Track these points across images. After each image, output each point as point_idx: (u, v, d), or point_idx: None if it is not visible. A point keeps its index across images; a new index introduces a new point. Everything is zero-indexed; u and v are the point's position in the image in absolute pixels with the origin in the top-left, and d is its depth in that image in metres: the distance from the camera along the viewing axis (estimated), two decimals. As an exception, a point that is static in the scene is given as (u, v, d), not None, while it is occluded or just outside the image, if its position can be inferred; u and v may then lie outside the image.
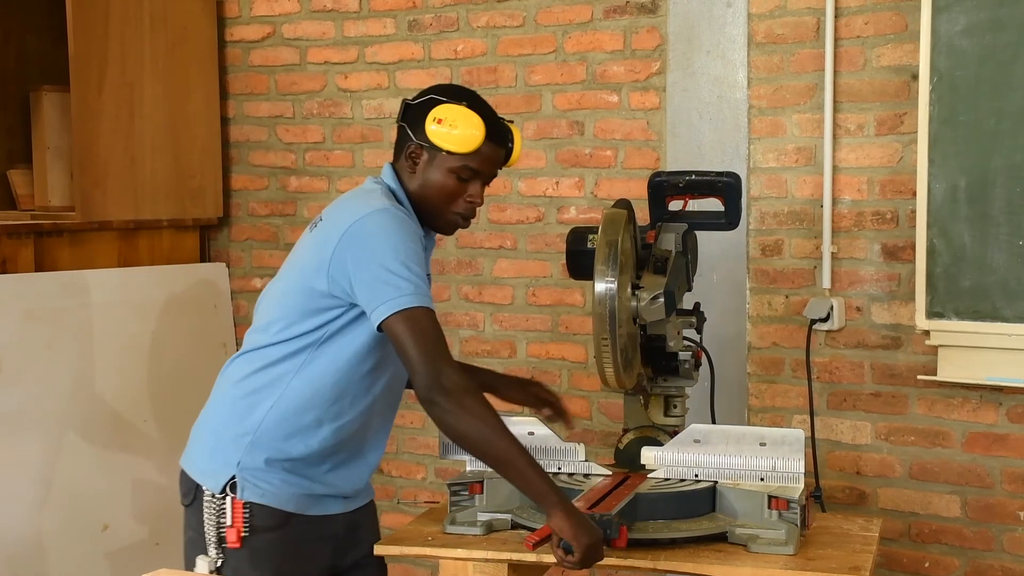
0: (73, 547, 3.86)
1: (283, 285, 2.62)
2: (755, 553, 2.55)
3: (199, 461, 2.61)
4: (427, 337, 2.41)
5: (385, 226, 2.47)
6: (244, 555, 2.52)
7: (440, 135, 2.56)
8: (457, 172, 2.59)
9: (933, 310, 3.28)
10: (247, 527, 2.52)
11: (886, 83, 3.41)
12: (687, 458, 2.76)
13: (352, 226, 2.47)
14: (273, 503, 2.54)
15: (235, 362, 2.65)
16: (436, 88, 2.66)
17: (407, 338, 2.40)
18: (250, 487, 2.53)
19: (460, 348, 4.09)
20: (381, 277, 2.42)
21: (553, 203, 3.92)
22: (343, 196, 2.67)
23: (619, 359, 2.70)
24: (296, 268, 2.59)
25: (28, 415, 3.78)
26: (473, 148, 2.58)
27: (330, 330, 2.53)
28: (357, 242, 2.46)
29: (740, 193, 2.98)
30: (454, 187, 2.60)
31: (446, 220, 2.66)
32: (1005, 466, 3.34)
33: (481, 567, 2.62)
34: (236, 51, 4.46)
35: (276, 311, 2.59)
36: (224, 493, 2.53)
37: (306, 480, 2.58)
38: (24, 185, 4.37)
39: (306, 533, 2.59)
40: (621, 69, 3.78)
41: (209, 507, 2.54)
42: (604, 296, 2.66)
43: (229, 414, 2.58)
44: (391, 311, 2.41)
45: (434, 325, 2.45)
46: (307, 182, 4.35)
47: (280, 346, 2.55)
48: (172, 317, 4.19)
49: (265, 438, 2.54)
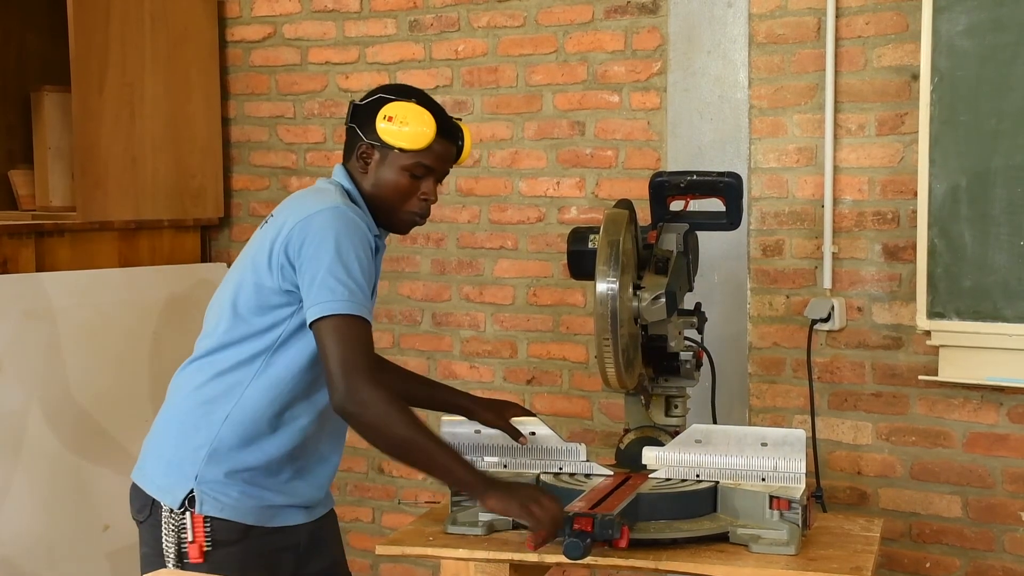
0: (74, 547, 3.86)
1: (233, 285, 2.56)
2: (756, 553, 2.55)
3: (154, 476, 2.55)
4: (349, 347, 2.37)
5: (334, 225, 2.43)
6: (205, 569, 2.45)
7: (391, 133, 2.54)
8: (410, 170, 2.57)
9: (934, 310, 3.28)
10: (209, 541, 2.48)
11: (887, 83, 3.41)
12: (688, 458, 2.76)
13: (301, 221, 2.44)
14: (233, 516, 2.49)
15: (186, 370, 2.60)
16: (384, 87, 2.65)
17: (329, 344, 2.37)
18: (209, 501, 2.48)
19: (461, 348, 4.10)
20: (319, 277, 2.39)
21: (554, 203, 3.92)
22: (295, 194, 2.65)
23: (620, 359, 2.70)
24: (245, 266, 2.55)
25: (28, 415, 3.78)
26: (424, 144, 2.56)
27: (284, 331, 2.49)
28: (305, 237, 2.42)
29: (741, 193, 2.98)
30: (407, 185, 2.58)
31: (401, 219, 2.63)
32: (1006, 466, 3.34)
33: (482, 567, 2.62)
34: (237, 51, 4.46)
35: (227, 313, 2.54)
36: (183, 508, 2.48)
37: (266, 491, 2.53)
38: (25, 185, 4.37)
39: (268, 544, 2.54)
40: (622, 69, 3.78)
41: (168, 523, 2.49)
42: (606, 296, 2.66)
43: (183, 426, 2.53)
44: (320, 314, 2.38)
45: (360, 335, 2.39)
46: (308, 182, 4.31)
47: (233, 351, 2.51)
48: (173, 317, 4.19)
49: (222, 449, 2.49)
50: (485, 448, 2.89)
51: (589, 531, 2.43)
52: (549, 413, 3.92)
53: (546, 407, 3.95)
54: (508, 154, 3.98)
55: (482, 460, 2.90)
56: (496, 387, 4.01)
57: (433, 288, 4.13)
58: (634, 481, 2.76)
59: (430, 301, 4.15)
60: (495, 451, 2.89)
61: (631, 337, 2.78)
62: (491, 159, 3.99)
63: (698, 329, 2.99)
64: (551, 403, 3.95)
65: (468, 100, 4.03)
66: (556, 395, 3.95)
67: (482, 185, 4.02)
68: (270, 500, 2.54)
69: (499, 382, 4.03)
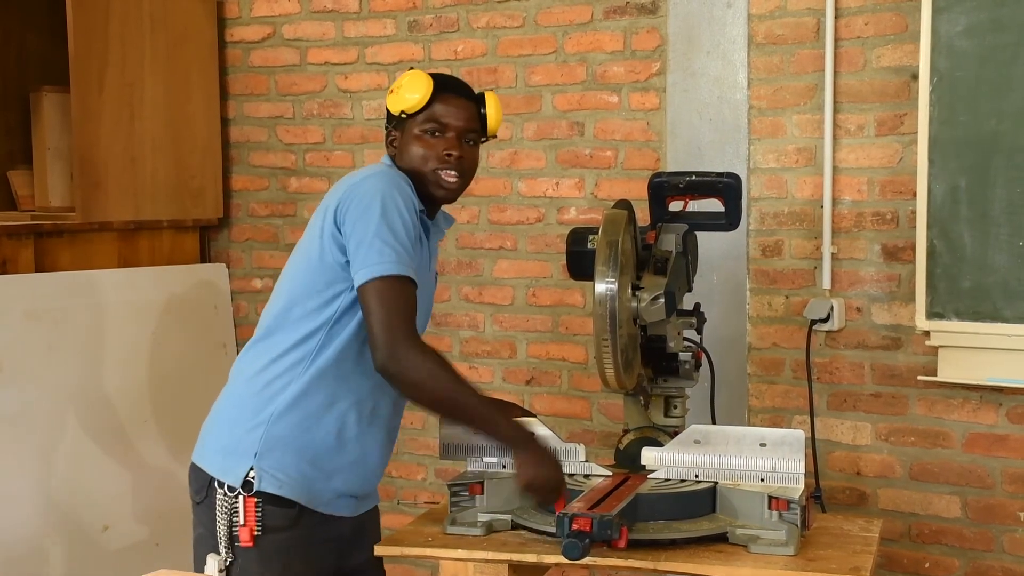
0: (73, 547, 3.86)
1: (296, 265, 2.64)
2: (755, 554, 2.55)
3: (214, 456, 2.60)
4: (393, 308, 2.44)
5: (379, 186, 2.51)
6: (254, 554, 2.53)
7: (394, 101, 2.66)
8: (423, 131, 2.65)
9: (933, 311, 3.28)
10: (259, 526, 2.53)
11: (886, 84, 3.41)
12: (687, 459, 2.76)
13: (348, 188, 2.54)
14: (290, 494, 2.54)
15: (248, 353, 2.66)
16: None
17: (374, 305, 2.44)
18: (267, 478, 2.53)
19: (460, 348, 4.09)
20: (367, 240, 2.46)
21: (553, 204, 3.92)
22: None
23: (619, 360, 2.71)
24: (302, 248, 2.63)
25: (28, 416, 3.78)
26: (423, 101, 2.63)
27: (340, 306, 2.54)
28: (352, 201, 2.50)
29: (740, 194, 2.98)
30: (426, 146, 2.64)
31: (431, 180, 2.66)
32: (1005, 467, 3.34)
33: (481, 568, 2.62)
34: (236, 52, 4.46)
35: (284, 293, 2.61)
36: (237, 491, 2.53)
37: (322, 472, 2.58)
38: (24, 186, 4.37)
39: (316, 533, 2.60)
40: (621, 70, 3.78)
41: (222, 505, 2.54)
42: (604, 297, 2.67)
43: (244, 408, 2.59)
44: (368, 277, 2.45)
45: (404, 296, 2.47)
46: (307, 183, 4.35)
47: (291, 330, 2.56)
48: (172, 318, 4.19)
49: (281, 427, 2.54)
50: (484, 448, 2.89)
51: (588, 531, 2.43)
52: (548, 414, 3.92)
53: (545, 407, 3.95)
54: (507, 154, 3.98)
55: (481, 460, 2.89)
56: (495, 387, 4.01)
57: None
58: (633, 482, 2.76)
59: (429, 301, 4.14)
60: (494, 451, 2.89)
61: (630, 337, 2.78)
62: (490, 159, 3.99)
63: (697, 329, 2.99)
64: (550, 403, 3.95)
65: (467, 100, 4.02)
66: (555, 395, 3.95)
67: (481, 185, 4.02)
68: (325, 482, 2.59)
69: (498, 382, 4.03)
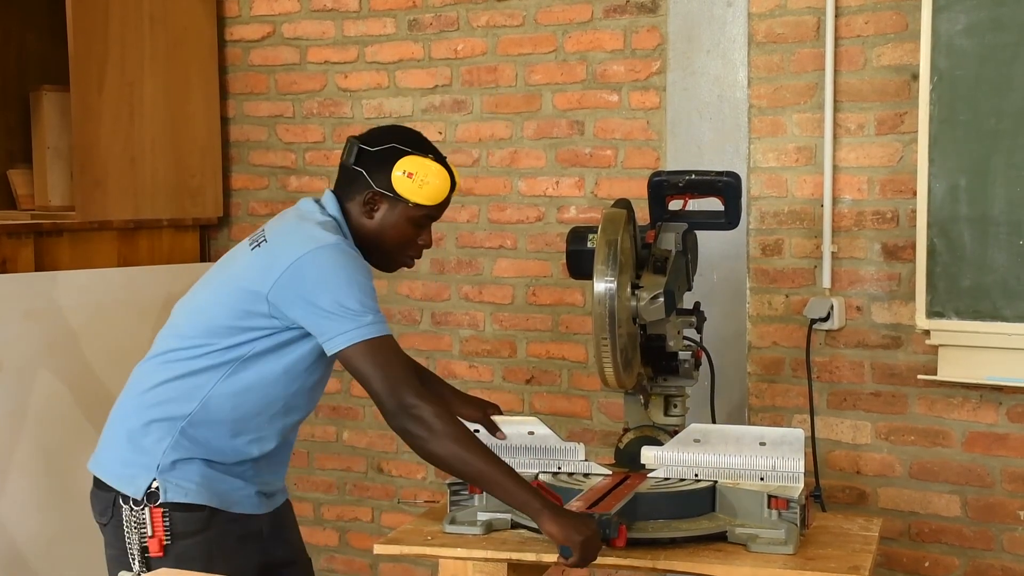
0: (72, 547, 3.86)
1: (216, 295, 2.59)
2: (755, 552, 2.55)
3: (113, 466, 2.58)
4: (390, 366, 2.44)
5: (337, 261, 2.48)
6: (170, 563, 2.48)
7: (409, 188, 2.60)
8: (417, 221, 2.65)
9: (933, 310, 3.27)
10: (168, 534, 2.50)
11: (886, 82, 3.41)
12: (687, 458, 2.76)
13: (302, 258, 2.47)
14: (197, 500, 2.52)
15: (151, 363, 2.63)
16: (393, 134, 2.69)
17: (369, 369, 2.44)
18: (172, 488, 2.51)
19: (460, 348, 4.09)
20: (336, 311, 2.44)
21: (553, 203, 3.92)
22: (288, 219, 2.65)
23: (619, 359, 2.71)
24: (231, 283, 2.57)
25: (28, 414, 3.78)
26: (440, 201, 2.64)
27: (256, 348, 2.53)
28: (307, 275, 2.46)
29: (740, 193, 2.98)
30: (412, 234, 2.66)
31: (396, 261, 2.71)
32: (1005, 466, 3.34)
33: (480, 567, 2.62)
34: (236, 51, 4.46)
35: (201, 320, 2.57)
36: (143, 502, 2.51)
37: (227, 476, 2.57)
38: (24, 185, 4.37)
39: (230, 532, 2.57)
40: (621, 68, 3.78)
41: (129, 521, 2.52)
42: (604, 296, 2.66)
43: (145, 419, 2.55)
44: (350, 342, 2.44)
45: (395, 352, 2.48)
46: (307, 182, 4.35)
47: (200, 356, 2.54)
48: (172, 317, 4.19)
49: (184, 441, 2.53)
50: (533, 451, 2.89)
51: None
52: (548, 412, 3.92)
53: (545, 407, 3.95)
54: (507, 153, 3.98)
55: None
56: (495, 387, 4.01)
57: (432, 287, 4.13)
58: (632, 481, 2.76)
59: (429, 300, 4.15)
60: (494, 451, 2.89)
61: (629, 336, 2.78)
62: (490, 158, 3.99)
63: (697, 328, 2.99)
64: (550, 403, 3.95)
65: (467, 99, 4.03)
66: (555, 395, 3.95)
67: (481, 184, 4.02)
68: (231, 484, 2.58)
69: (498, 381, 4.03)
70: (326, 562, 4.36)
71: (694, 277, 3.01)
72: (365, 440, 4.29)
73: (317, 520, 4.35)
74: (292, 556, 2.78)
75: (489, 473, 2.47)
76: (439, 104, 4.07)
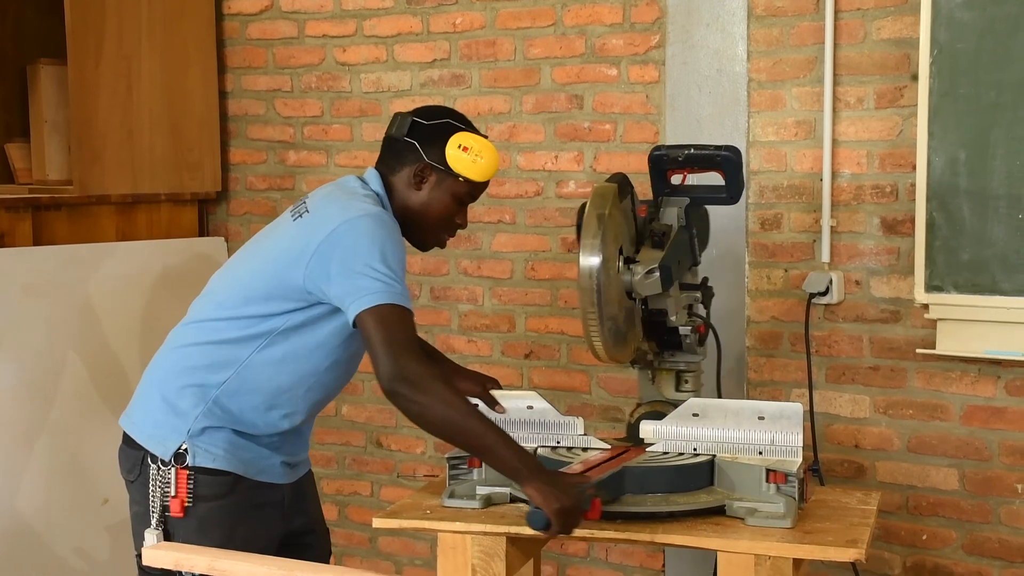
0: (73, 521, 3.87)
1: (254, 265, 2.63)
2: (753, 526, 2.56)
3: (144, 426, 2.60)
4: (393, 331, 2.44)
5: (375, 231, 2.50)
6: (191, 525, 2.53)
7: (464, 163, 2.64)
8: (462, 197, 2.69)
9: (932, 284, 3.27)
10: (191, 497, 2.53)
11: (886, 56, 3.40)
12: (686, 432, 2.77)
13: (341, 226, 2.50)
14: (224, 466, 2.55)
15: (186, 328, 2.65)
16: (446, 111, 2.74)
17: (374, 331, 2.44)
18: (201, 453, 2.54)
19: (459, 322, 4.09)
20: (362, 273, 2.46)
21: (552, 177, 3.91)
22: (332, 191, 2.68)
23: (607, 333, 2.71)
24: (272, 253, 2.60)
25: (27, 389, 3.78)
26: (489, 178, 2.69)
27: (293, 321, 2.56)
28: (344, 242, 2.49)
29: (740, 167, 2.96)
30: (454, 210, 2.70)
31: (433, 238, 2.74)
32: (1003, 439, 3.35)
33: (479, 540, 2.63)
34: (234, 24, 4.44)
35: (240, 289, 2.60)
36: (170, 463, 2.54)
37: (255, 445, 2.60)
38: (22, 159, 4.36)
39: (252, 500, 2.61)
40: (620, 42, 3.76)
41: (155, 480, 2.55)
42: (589, 270, 2.66)
43: (180, 382, 2.58)
44: (365, 306, 2.44)
45: (404, 321, 2.47)
46: (305, 156, 4.34)
47: (237, 325, 2.57)
48: (170, 291, 4.18)
49: (216, 410, 2.56)
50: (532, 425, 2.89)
51: None
52: (547, 387, 3.92)
53: (544, 381, 3.95)
54: (506, 128, 3.97)
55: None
56: (494, 361, 4.01)
57: (431, 262, 4.12)
58: (630, 454, 2.76)
59: (428, 275, 4.14)
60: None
61: (625, 311, 2.78)
62: (489, 133, 3.98)
63: (704, 304, 2.97)
64: (549, 377, 3.96)
65: (466, 73, 4.01)
66: (554, 369, 3.96)
67: (480, 159, 4.00)
68: (258, 453, 2.60)
69: (497, 356, 4.04)
70: (326, 536, 4.36)
71: (702, 252, 2.99)
72: (364, 414, 4.29)
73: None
74: (311, 526, 2.82)
75: (482, 436, 2.46)
76: (437, 78, 4.06)
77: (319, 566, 1.89)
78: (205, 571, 1.94)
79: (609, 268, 2.69)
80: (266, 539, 2.62)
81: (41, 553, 3.80)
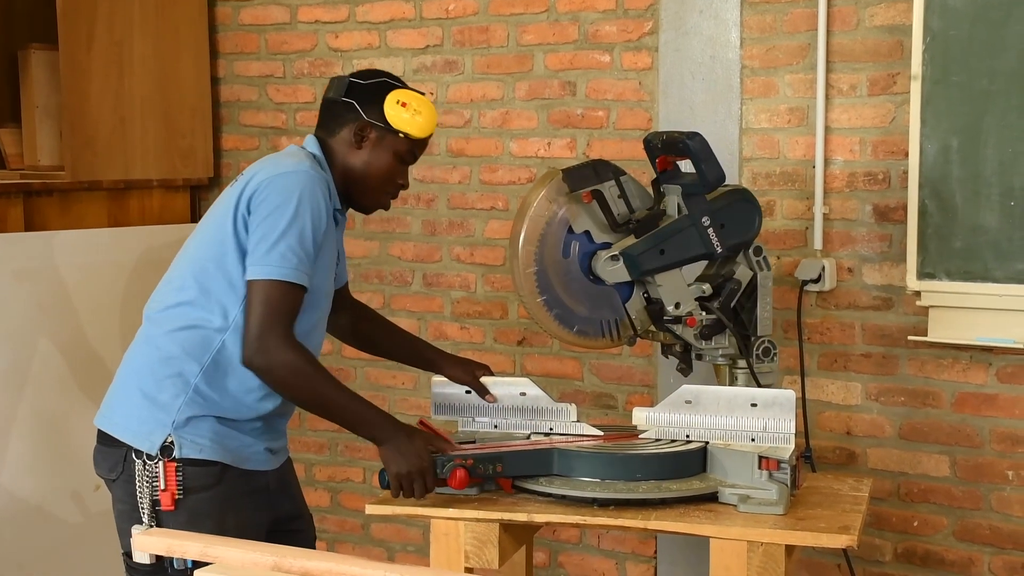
0: (64, 507, 3.87)
1: (201, 241, 2.64)
2: (745, 513, 2.57)
3: (130, 424, 2.58)
4: (271, 309, 2.47)
5: (298, 188, 2.52)
6: (183, 517, 2.51)
7: (402, 119, 2.65)
8: (403, 156, 2.70)
9: (924, 271, 3.28)
10: (180, 489, 2.53)
11: (879, 43, 3.40)
12: (678, 419, 2.77)
13: (269, 178, 2.54)
14: (212, 456, 2.55)
15: (153, 319, 2.64)
16: (382, 73, 2.78)
17: (260, 304, 2.48)
18: (187, 443, 2.53)
19: (452, 309, 4.09)
20: (272, 239, 2.48)
21: (545, 164, 3.91)
22: (265, 157, 2.72)
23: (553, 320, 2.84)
24: (209, 220, 2.64)
25: (19, 375, 3.78)
26: (429, 134, 2.70)
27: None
28: (269, 192, 2.51)
29: (704, 156, 2.87)
30: (396, 169, 2.70)
31: (376, 200, 2.75)
32: (994, 426, 3.35)
33: (472, 527, 2.64)
34: (226, 9, 4.42)
35: (190, 267, 2.61)
36: (157, 457, 2.53)
37: (239, 433, 2.60)
38: (13, 144, 4.34)
39: (240, 488, 2.61)
40: (613, 29, 3.76)
41: (142, 475, 2.54)
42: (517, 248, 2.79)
43: (160, 376, 2.57)
44: (258, 276, 2.48)
45: (291, 304, 2.50)
46: (298, 142, 4.31)
47: (198, 308, 2.57)
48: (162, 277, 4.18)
49: (198, 398, 2.55)
50: (476, 409, 2.90)
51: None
52: (539, 374, 3.92)
53: (536, 368, 3.95)
54: (499, 114, 3.96)
55: (473, 421, 2.91)
56: (487, 348, 4.01)
57: (424, 249, 4.12)
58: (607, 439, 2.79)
59: (421, 262, 4.14)
60: (486, 412, 2.90)
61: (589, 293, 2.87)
62: (482, 119, 3.98)
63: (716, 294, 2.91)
64: (541, 364, 3.96)
65: (459, 60, 4.00)
66: (546, 356, 3.96)
67: (473, 145, 4.00)
68: (243, 441, 2.61)
69: (489, 343, 4.04)
70: (318, 522, 4.32)
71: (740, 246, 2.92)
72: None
73: (309, 481, 4.36)
74: (297, 511, 2.83)
75: (339, 400, 2.55)
76: (430, 64, 4.05)
77: (310, 552, 1.89)
78: (198, 558, 1.94)
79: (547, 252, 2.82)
80: (256, 526, 2.63)
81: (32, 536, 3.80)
